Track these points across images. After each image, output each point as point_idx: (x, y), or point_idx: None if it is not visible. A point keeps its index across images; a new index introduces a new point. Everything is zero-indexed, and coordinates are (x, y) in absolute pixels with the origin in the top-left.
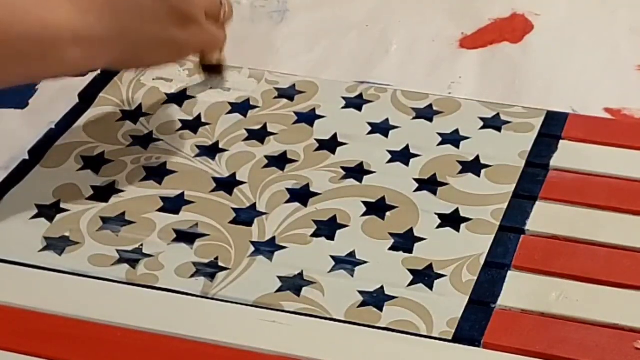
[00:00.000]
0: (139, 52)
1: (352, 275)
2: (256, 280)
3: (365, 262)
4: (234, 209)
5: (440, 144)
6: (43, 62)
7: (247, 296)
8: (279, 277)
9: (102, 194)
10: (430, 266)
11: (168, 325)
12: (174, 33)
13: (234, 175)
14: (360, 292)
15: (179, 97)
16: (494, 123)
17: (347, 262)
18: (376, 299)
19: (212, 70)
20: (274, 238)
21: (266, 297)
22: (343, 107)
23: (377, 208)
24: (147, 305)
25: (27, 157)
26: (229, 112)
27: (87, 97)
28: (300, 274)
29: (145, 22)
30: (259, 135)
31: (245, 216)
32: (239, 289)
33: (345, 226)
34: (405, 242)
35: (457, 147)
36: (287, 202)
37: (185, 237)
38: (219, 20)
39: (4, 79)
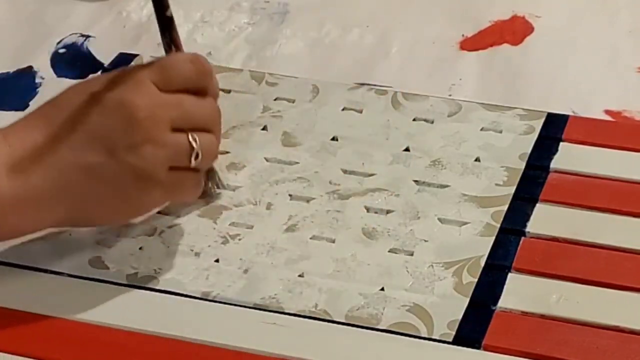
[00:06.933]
0: (88, 211)
1: (353, 278)
2: (257, 282)
3: (366, 264)
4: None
5: (441, 146)
6: None
7: (248, 298)
8: (280, 279)
9: None
10: (430, 268)
11: (168, 327)
12: (128, 191)
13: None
14: (360, 294)
15: None
16: (494, 125)
17: (348, 264)
18: (377, 300)
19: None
20: (275, 240)
21: (267, 298)
22: (343, 109)
23: (378, 210)
24: (148, 307)
25: None
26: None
27: None
28: (301, 276)
29: (93, 180)
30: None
31: None
32: (240, 291)
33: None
34: (406, 244)
35: (458, 149)
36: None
37: None
38: (189, 167)
39: None
